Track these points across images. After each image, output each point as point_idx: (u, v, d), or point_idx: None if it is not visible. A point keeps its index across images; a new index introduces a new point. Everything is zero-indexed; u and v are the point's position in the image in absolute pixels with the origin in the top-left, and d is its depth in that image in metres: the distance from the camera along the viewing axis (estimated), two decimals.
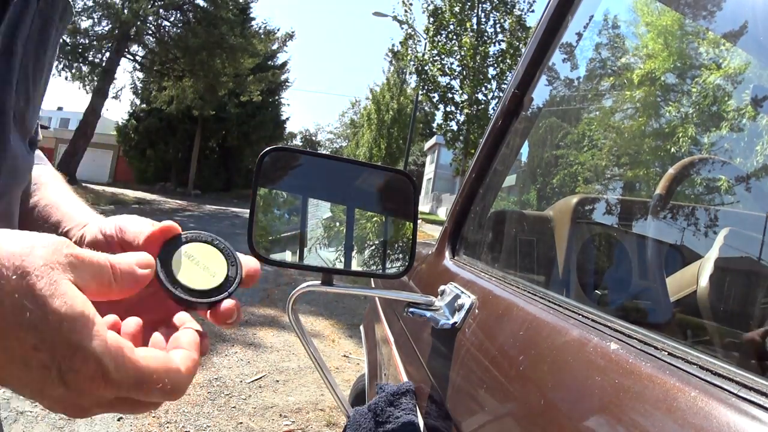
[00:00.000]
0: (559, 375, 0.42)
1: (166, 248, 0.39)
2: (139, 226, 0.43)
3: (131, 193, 18.14)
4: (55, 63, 0.54)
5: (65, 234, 0.53)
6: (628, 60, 1.17)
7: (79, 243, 0.49)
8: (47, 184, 0.61)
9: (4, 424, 2.18)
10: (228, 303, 0.39)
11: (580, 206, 0.94)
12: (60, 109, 40.36)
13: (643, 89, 1.10)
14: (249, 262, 0.42)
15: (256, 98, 21.40)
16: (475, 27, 14.03)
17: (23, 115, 0.48)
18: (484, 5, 14.09)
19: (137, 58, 19.95)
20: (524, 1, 13.95)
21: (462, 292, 0.73)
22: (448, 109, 14.65)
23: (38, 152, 0.66)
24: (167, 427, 2.42)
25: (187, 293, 0.38)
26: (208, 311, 0.39)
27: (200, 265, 0.39)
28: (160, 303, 0.40)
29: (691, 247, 0.75)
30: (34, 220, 0.57)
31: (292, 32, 23.22)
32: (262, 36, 21.51)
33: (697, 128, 0.94)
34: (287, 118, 30.43)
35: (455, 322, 0.68)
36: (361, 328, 1.81)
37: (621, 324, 0.43)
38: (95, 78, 17.86)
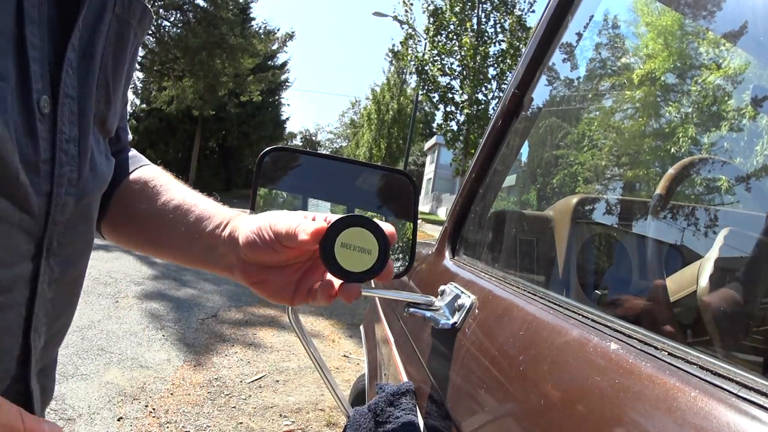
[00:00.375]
0: (559, 375, 0.42)
1: (324, 244, 0.48)
2: (287, 222, 0.48)
3: None
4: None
5: (209, 234, 0.54)
6: (628, 60, 1.17)
7: (229, 243, 0.53)
8: (169, 184, 0.61)
9: None
10: (383, 272, 0.49)
11: (580, 206, 0.94)
12: None
13: (643, 89, 1.10)
14: (387, 228, 0.49)
15: (256, 98, 21.41)
16: (475, 27, 14.04)
17: (103, 118, 0.49)
18: (484, 5, 14.10)
19: (137, 58, 19.94)
20: (524, 1, 13.97)
21: (462, 292, 0.73)
22: (448, 109, 14.65)
23: (138, 154, 0.66)
24: (167, 427, 2.42)
25: (351, 276, 0.49)
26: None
27: (356, 249, 0.48)
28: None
29: (691, 247, 0.75)
30: (168, 220, 0.56)
31: (292, 32, 23.20)
32: (262, 36, 21.51)
33: (697, 128, 0.94)
34: (287, 118, 30.47)
35: (455, 322, 0.68)
36: (361, 328, 1.81)
37: (621, 324, 0.43)
38: None
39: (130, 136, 0.67)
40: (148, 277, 5.35)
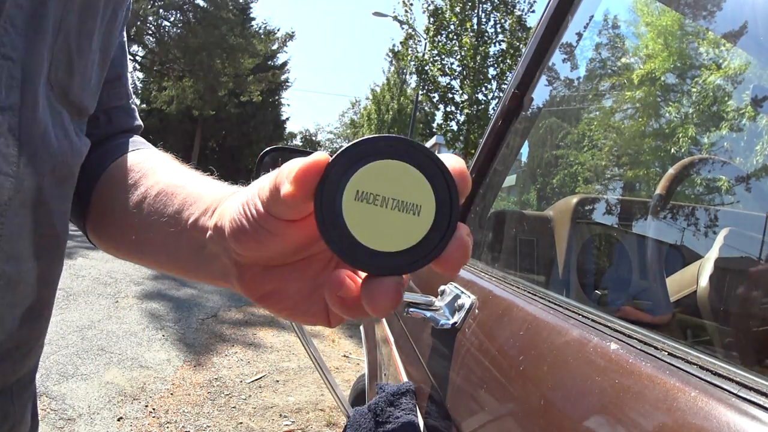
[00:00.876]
0: (559, 375, 0.42)
1: (322, 195, 0.25)
2: (272, 175, 0.28)
3: None
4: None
5: (193, 226, 0.37)
6: (628, 60, 1.18)
7: (217, 237, 0.34)
8: (157, 167, 0.46)
9: None
10: (450, 251, 0.25)
11: (580, 206, 0.94)
12: None
13: (643, 89, 1.10)
14: (451, 162, 0.26)
15: (256, 98, 21.43)
16: (475, 27, 14.04)
17: (64, 88, 0.40)
18: (484, 5, 14.10)
19: (137, 58, 19.98)
20: (525, 2, 13.97)
21: (462, 292, 0.73)
22: (448, 109, 14.66)
23: (139, 139, 0.55)
24: (167, 427, 2.42)
25: (380, 263, 0.25)
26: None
27: (387, 204, 0.25)
28: None
29: (691, 247, 0.75)
30: (149, 213, 0.42)
31: (292, 32, 23.24)
32: (262, 36, 21.55)
33: (697, 128, 0.94)
34: (287, 118, 30.45)
35: (455, 322, 0.68)
36: (361, 328, 1.81)
37: (621, 324, 0.43)
38: None
39: (139, 121, 0.56)
40: (148, 277, 5.34)
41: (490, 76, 14.35)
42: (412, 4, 14.69)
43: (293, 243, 0.30)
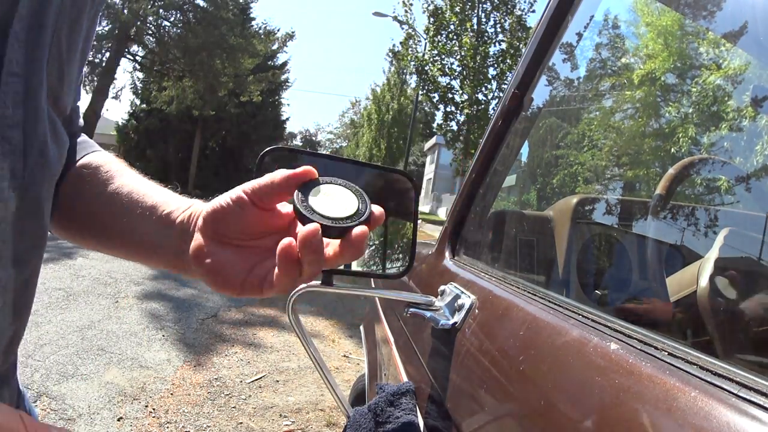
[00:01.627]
0: (559, 375, 0.42)
1: (303, 188, 0.44)
2: (269, 176, 0.44)
3: None
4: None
5: (166, 216, 0.47)
6: (628, 60, 1.18)
7: (189, 223, 0.46)
8: (123, 171, 0.54)
9: None
10: (359, 229, 0.41)
11: (580, 206, 0.94)
12: None
13: (643, 89, 1.10)
14: (374, 208, 0.44)
15: (256, 98, 21.42)
16: (475, 27, 14.05)
17: (56, 96, 0.42)
18: (484, 5, 14.11)
19: (137, 58, 20.00)
20: (525, 1, 13.97)
21: (462, 292, 0.73)
22: (448, 109, 14.66)
23: (88, 139, 0.58)
24: (167, 427, 2.42)
25: (323, 219, 0.42)
26: (340, 240, 0.43)
27: (335, 201, 0.44)
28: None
29: (691, 247, 0.75)
30: (121, 206, 0.49)
31: (292, 32, 23.25)
32: (262, 36, 21.55)
33: (697, 128, 0.94)
34: (287, 118, 30.46)
35: (455, 322, 0.68)
36: (361, 328, 1.81)
37: (621, 324, 0.43)
38: (95, 78, 17.93)
39: (82, 122, 0.60)
40: (148, 277, 5.34)
41: (490, 76, 14.36)
42: (412, 4, 14.70)
43: (258, 223, 0.45)
